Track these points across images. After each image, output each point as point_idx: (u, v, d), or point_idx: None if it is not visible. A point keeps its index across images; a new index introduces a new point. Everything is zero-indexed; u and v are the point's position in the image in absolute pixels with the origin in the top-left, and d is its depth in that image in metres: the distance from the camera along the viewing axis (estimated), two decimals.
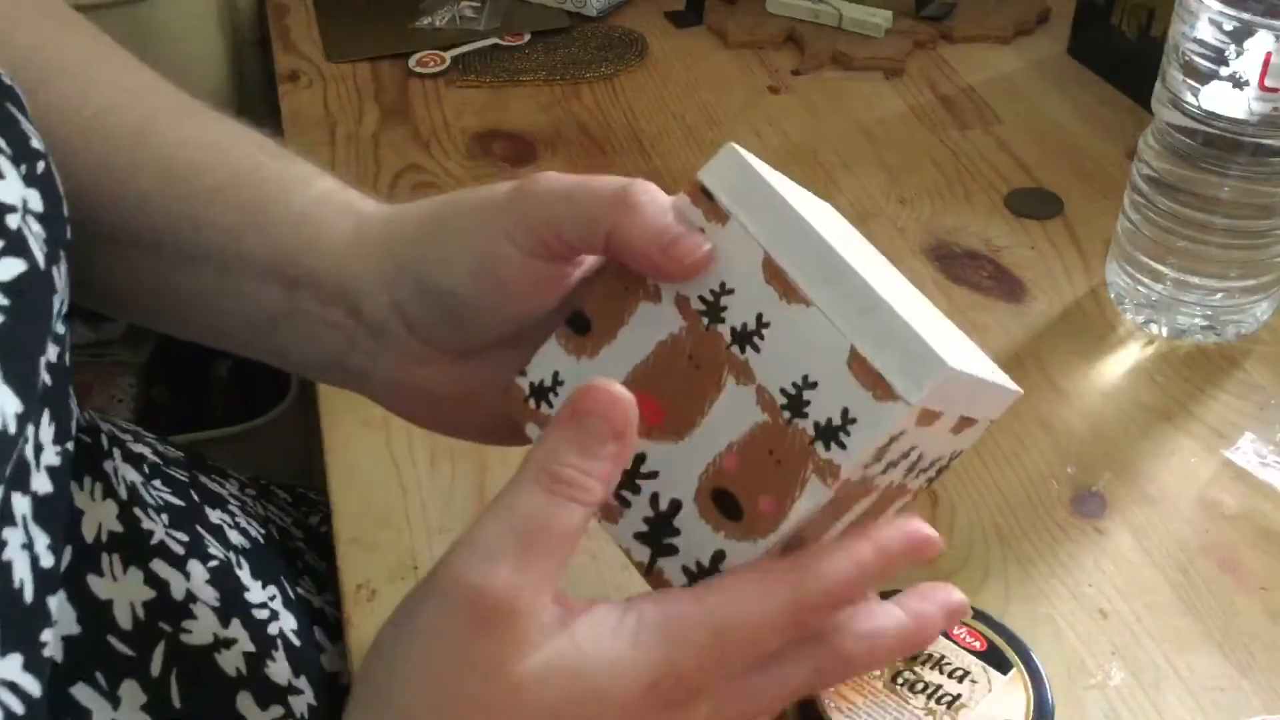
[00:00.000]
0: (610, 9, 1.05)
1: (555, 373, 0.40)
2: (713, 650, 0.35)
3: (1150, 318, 0.70)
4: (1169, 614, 0.54)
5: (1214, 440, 0.63)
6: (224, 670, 0.48)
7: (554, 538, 0.34)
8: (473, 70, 0.96)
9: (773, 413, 0.37)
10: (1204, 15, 0.61)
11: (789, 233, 0.37)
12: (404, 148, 0.87)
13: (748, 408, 0.37)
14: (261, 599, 0.52)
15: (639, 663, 0.34)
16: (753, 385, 0.37)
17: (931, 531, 0.38)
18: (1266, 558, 0.56)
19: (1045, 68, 0.97)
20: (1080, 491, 0.60)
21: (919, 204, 0.81)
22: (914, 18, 1.02)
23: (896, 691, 0.46)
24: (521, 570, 0.34)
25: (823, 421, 0.36)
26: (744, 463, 0.37)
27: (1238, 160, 0.63)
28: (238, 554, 0.53)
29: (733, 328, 0.38)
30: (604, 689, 0.34)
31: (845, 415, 0.36)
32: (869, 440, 0.36)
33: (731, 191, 0.38)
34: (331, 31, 1.02)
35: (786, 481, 0.37)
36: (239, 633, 0.49)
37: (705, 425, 0.38)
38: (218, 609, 0.49)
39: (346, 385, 0.46)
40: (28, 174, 0.36)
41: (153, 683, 0.45)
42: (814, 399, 0.37)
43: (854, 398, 0.36)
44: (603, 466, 0.35)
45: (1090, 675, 0.51)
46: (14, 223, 0.35)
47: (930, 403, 0.37)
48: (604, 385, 0.35)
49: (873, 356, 0.36)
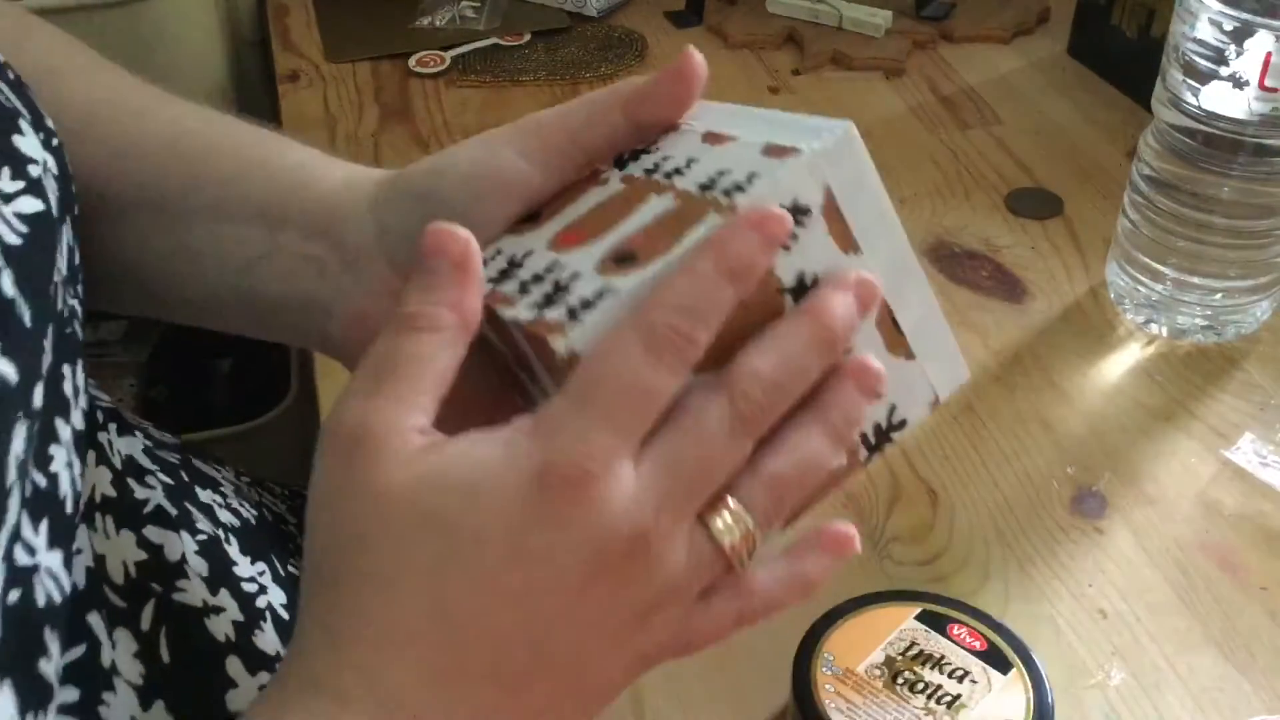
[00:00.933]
0: (610, 9, 1.05)
1: (497, 250, 0.41)
2: (584, 414, 0.34)
3: (1150, 318, 0.70)
4: (1169, 614, 0.54)
5: (1214, 440, 0.63)
6: (213, 635, 0.48)
7: (403, 366, 0.35)
8: (473, 70, 0.96)
9: (686, 199, 0.37)
10: (1204, 15, 0.61)
11: (728, 114, 0.41)
12: (404, 148, 0.87)
13: (664, 204, 0.38)
14: (250, 574, 0.53)
15: (512, 457, 0.34)
16: (671, 191, 0.38)
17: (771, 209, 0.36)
18: (1266, 558, 0.56)
19: (1045, 68, 0.97)
20: (1080, 491, 0.60)
21: (919, 204, 0.81)
22: (914, 18, 1.02)
23: (896, 691, 0.46)
24: (373, 398, 0.35)
25: (729, 185, 0.37)
26: (648, 233, 0.37)
27: (1238, 160, 0.63)
28: (227, 531, 0.54)
29: (665, 171, 0.39)
30: (478, 486, 0.34)
31: (750, 175, 0.36)
32: (767, 185, 0.36)
33: None
34: (331, 31, 1.02)
35: (685, 225, 0.36)
36: (228, 602, 0.50)
37: (619, 227, 0.38)
38: (206, 579, 0.50)
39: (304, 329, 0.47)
40: (44, 141, 0.39)
41: (143, 635, 0.45)
42: (724, 178, 0.37)
43: (759, 165, 0.37)
44: (446, 294, 0.36)
45: (1090, 675, 0.51)
46: (35, 172, 0.38)
47: (837, 185, 0.37)
48: (437, 225, 0.36)
49: (786, 140, 0.37)
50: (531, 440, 0.34)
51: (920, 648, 0.47)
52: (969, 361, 0.65)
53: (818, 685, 0.46)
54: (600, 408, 0.34)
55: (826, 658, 0.47)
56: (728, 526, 0.36)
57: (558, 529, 0.34)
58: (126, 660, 0.44)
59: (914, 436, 0.63)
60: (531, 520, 0.33)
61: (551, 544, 0.34)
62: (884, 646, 0.47)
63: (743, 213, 0.35)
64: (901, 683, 0.46)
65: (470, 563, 0.34)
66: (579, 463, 0.33)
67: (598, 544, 0.34)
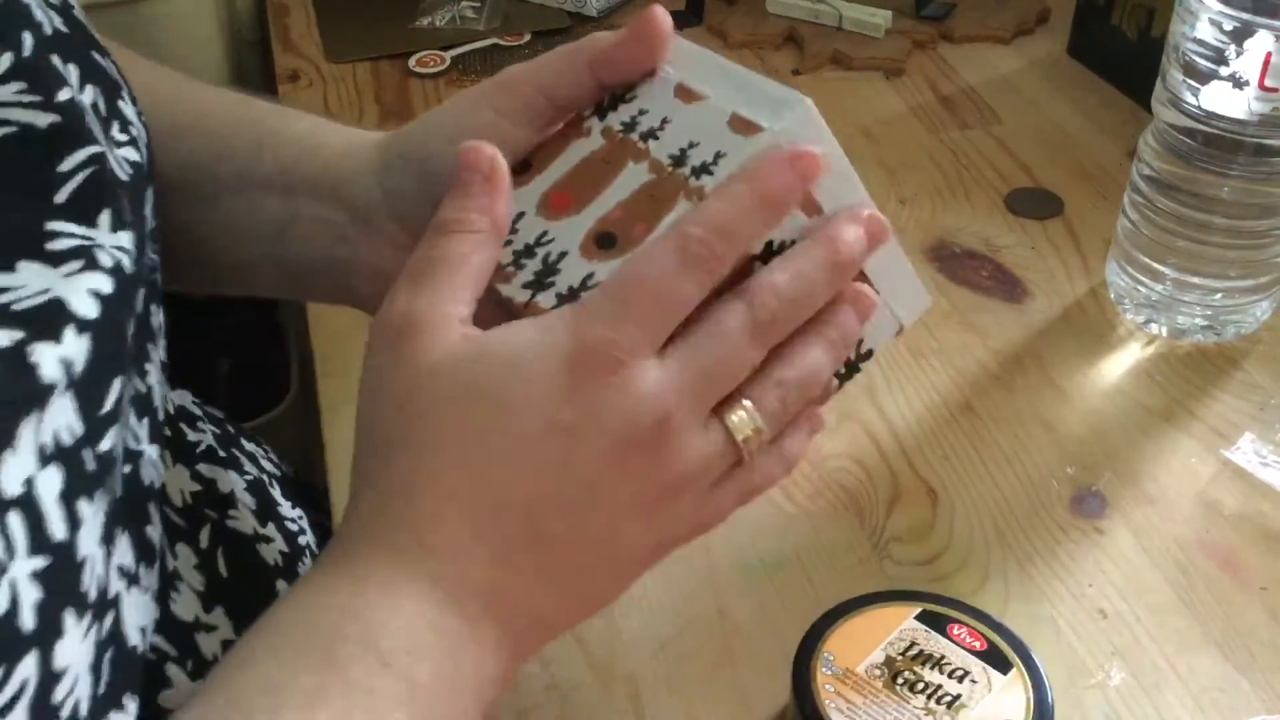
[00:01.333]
0: (610, 9, 1.05)
1: None
2: (619, 308, 0.37)
3: (1150, 318, 0.70)
4: (1169, 614, 0.54)
5: (1214, 440, 0.63)
6: (264, 559, 0.53)
7: (442, 264, 0.39)
8: (473, 70, 0.96)
9: (659, 171, 0.41)
10: (1204, 15, 0.61)
11: (700, 64, 0.43)
12: None
13: (640, 175, 0.41)
14: (292, 516, 0.58)
15: (548, 340, 0.37)
16: (646, 160, 0.42)
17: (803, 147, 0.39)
18: (1266, 558, 0.56)
19: (1045, 68, 0.97)
20: (1080, 491, 0.60)
21: (919, 204, 0.81)
22: (914, 18, 1.02)
23: (896, 691, 0.46)
24: (416, 292, 0.39)
25: (698, 164, 0.40)
26: (627, 210, 0.41)
27: (1238, 160, 0.63)
28: (270, 478, 0.60)
29: (641, 131, 0.43)
30: (516, 361, 0.37)
31: (717, 155, 0.40)
32: (734, 167, 0.39)
33: None
34: (331, 31, 1.02)
35: (660, 208, 0.40)
36: (274, 534, 0.55)
37: (601, 197, 0.42)
38: (255, 511, 0.54)
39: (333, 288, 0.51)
40: (137, 113, 0.44)
41: (202, 551, 0.50)
42: (694, 153, 0.41)
43: (726, 142, 0.40)
44: (478, 201, 0.40)
45: (1090, 675, 0.51)
46: (134, 132, 0.43)
47: (790, 138, 0.40)
48: (468, 144, 0.41)
49: (749, 114, 0.40)
50: (568, 327, 0.37)
51: (920, 648, 0.47)
52: (969, 361, 0.65)
53: (818, 685, 0.46)
54: (632, 305, 0.37)
55: (826, 658, 0.47)
56: (742, 422, 0.39)
57: (587, 407, 0.37)
58: (188, 570, 0.48)
59: (914, 436, 0.63)
60: (563, 397, 0.37)
61: (582, 420, 0.37)
62: (884, 646, 0.47)
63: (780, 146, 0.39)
64: (901, 683, 0.46)
65: (508, 431, 0.37)
66: (608, 350, 0.37)
67: (624, 424, 0.37)
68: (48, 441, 0.34)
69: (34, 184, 0.37)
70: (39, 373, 0.34)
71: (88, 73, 0.41)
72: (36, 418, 0.33)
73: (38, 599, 0.32)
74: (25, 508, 0.33)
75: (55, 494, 0.34)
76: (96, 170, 0.38)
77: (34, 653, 0.32)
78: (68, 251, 0.36)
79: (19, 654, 0.32)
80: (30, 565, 0.32)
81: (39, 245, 0.36)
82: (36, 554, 0.33)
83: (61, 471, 0.34)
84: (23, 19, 0.38)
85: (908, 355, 0.68)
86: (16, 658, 0.32)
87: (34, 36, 0.38)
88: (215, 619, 0.48)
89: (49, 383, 0.34)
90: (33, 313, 0.34)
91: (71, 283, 0.35)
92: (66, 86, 0.39)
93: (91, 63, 0.42)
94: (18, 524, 0.32)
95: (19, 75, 0.37)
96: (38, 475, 0.33)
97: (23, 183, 0.36)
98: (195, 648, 0.47)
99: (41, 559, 0.33)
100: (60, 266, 0.36)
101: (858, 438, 0.62)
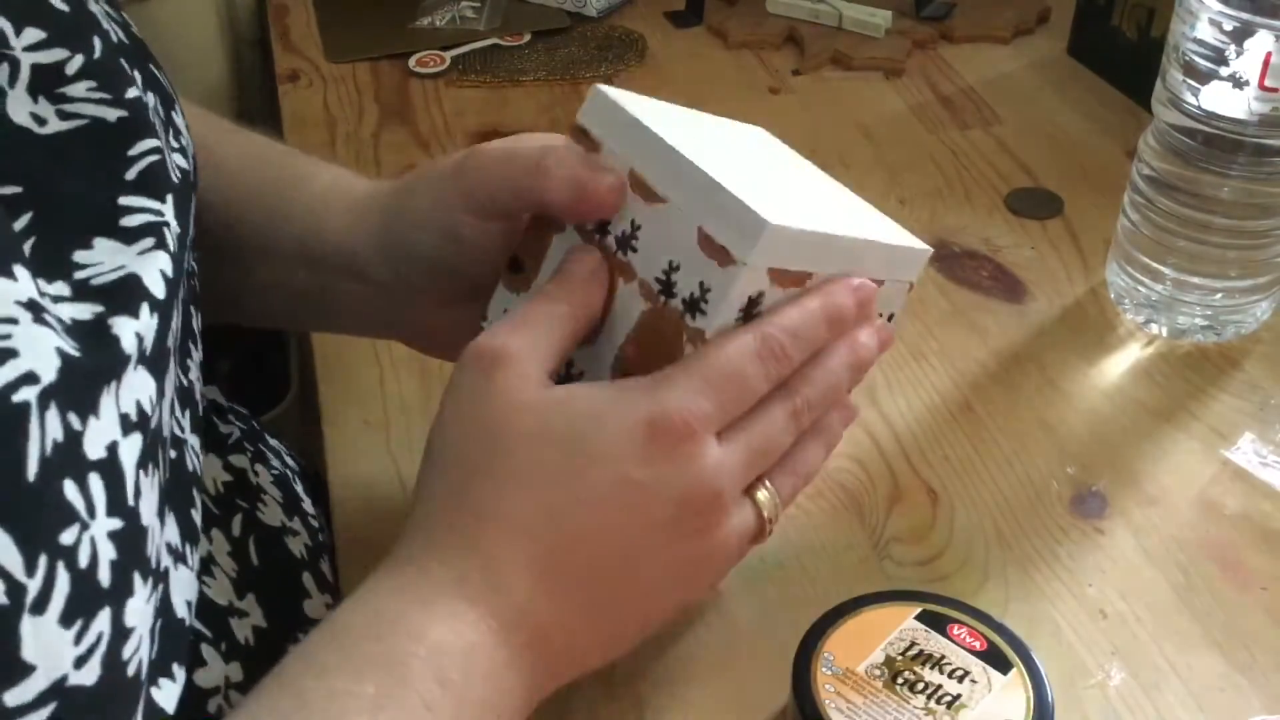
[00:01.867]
0: (610, 9, 1.05)
1: (505, 310, 0.49)
2: (701, 385, 0.42)
3: (1150, 318, 0.70)
4: (1169, 614, 0.54)
5: (1214, 440, 0.63)
6: (291, 551, 0.55)
7: (542, 321, 0.44)
8: (473, 70, 0.96)
9: (652, 299, 0.45)
10: (1204, 15, 0.61)
11: (646, 146, 0.44)
12: (404, 148, 0.87)
13: (635, 301, 0.45)
14: (314, 512, 0.60)
15: (629, 401, 0.41)
16: (635, 280, 0.45)
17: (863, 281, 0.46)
18: (1266, 558, 0.56)
19: (1045, 68, 0.97)
20: (1080, 491, 0.60)
21: (919, 204, 0.81)
22: (914, 18, 1.02)
23: (896, 691, 0.46)
24: (515, 333, 0.43)
25: (687, 296, 0.44)
26: (639, 348, 0.45)
27: (1238, 160, 0.63)
28: (292, 473, 0.62)
29: (615, 236, 0.46)
30: (599, 418, 0.41)
31: (702, 287, 0.43)
32: (724, 305, 0.43)
33: (602, 125, 0.46)
34: (331, 31, 1.02)
35: (670, 354, 0.44)
36: (300, 528, 0.57)
37: (608, 324, 0.46)
38: (282, 504, 0.57)
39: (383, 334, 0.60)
40: (186, 125, 0.47)
41: (234, 539, 0.52)
42: (679, 279, 0.44)
43: (706, 270, 0.43)
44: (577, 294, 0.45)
45: (1090, 675, 0.51)
46: (184, 142, 0.45)
47: (777, 262, 0.43)
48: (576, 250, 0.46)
49: (715, 231, 0.43)
50: (647, 394, 0.41)
51: (920, 647, 0.47)
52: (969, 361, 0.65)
53: (818, 685, 0.46)
54: (712, 383, 0.42)
55: (827, 658, 0.47)
56: (767, 500, 0.45)
57: (657, 469, 0.41)
58: (222, 556, 0.50)
59: (914, 436, 0.63)
60: (638, 456, 0.41)
61: (651, 480, 0.41)
62: (884, 646, 0.47)
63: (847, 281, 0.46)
64: (901, 683, 0.46)
65: (583, 480, 0.41)
66: (686, 419, 0.41)
67: (686, 491, 0.41)
68: (130, 410, 0.35)
69: (106, 168, 0.39)
70: (120, 345, 0.35)
71: (148, 81, 0.44)
72: (115, 387, 0.35)
73: (113, 558, 0.34)
74: (106, 471, 0.34)
75: (134, 460, 0.35)
76: (159, 160, 0.41)
77: (108, 609, 0.34)
78: (140, 228, 0.39)
79: (97, 608, 0.33)
80: (108, 525, 0.34)
81: (113, 221, 0.38)
82: (113, 515, 0.34)
83: (140, 440, 0.36)
84: (92, 26, 0.41)
85: (908, 355, 0.68)
86: (95, 611, 0.33)
87: (103, 42, 0.41)
88: (247, 605, 0.50)
89: (127, 353, 0.36)
90: (112, 287, 0.37)
91: (145, 260, 0.38)
92: (134, 86, 0.41)
93: (151, 73, 0.45)
94: (98, 486, 0.34)
95: (89, 74, 0.39)
96: (121, 441, 0.35)
97: (96, 167, 0.39)
98: (229, 631, 0.48)
99: (117, 520, 0.34)
100: (134, 244, 0.38)
101: (858, 438, 0.62)
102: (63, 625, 0.32)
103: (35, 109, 0.38)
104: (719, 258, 0.42)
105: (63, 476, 0.33)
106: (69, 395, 0.33)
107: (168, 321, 0.39)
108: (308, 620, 0.53)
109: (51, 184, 0.37)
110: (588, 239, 0.46)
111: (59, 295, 0.36)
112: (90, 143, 0.39)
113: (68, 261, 0.36)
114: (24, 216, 0.36)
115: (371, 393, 0.64)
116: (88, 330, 0.35)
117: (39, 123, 0.38)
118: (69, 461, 0.33)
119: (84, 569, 0.33)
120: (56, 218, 0.37)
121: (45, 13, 0.39)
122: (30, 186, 0.37)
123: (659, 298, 0.44)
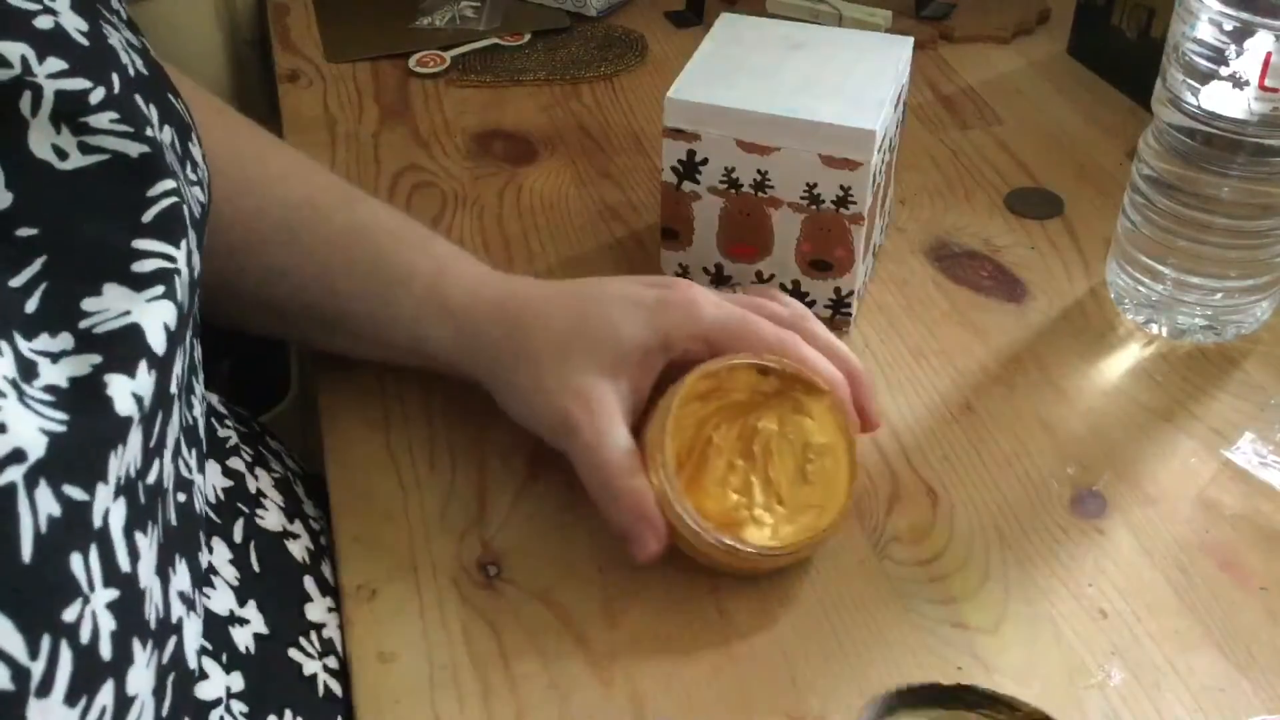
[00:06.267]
0: (610, 9, 1.05)
1: None
2: None
3: (1150, 318, 0.70)
4: (1169, 614, 0.54)
5: (1214, 440, 0.63)
6: (293, 555, 0.56)
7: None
8: (473, 70, 0.96)
9: (804, 210, 0.64)
10: (1204, 15, 0.61)
11: (737, 119, 0.63)
12: (404, 148, 0.87)
13: (790, 216, 0.65)
14: (315, 514, 0.61)
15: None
16: (783, 205, 0.65)
17: None
18: (1266, 558, 0.56)
19: (1045, 68, 0.97)
20: (1080, 491, 0.60)
21: (919, 204, 0.81)
22: (914, 18, 1.02)
23: None
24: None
25: (834, 198, 0.63)
26: (812, 241, 0.65)
27: (1238, 160, 0.63)
28: (294, 475, 0.63)
29: (750, 183, 0.64)
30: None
31: (843, 188, 0.63)
32: (864, 191, 0.63)
33: (690, 121, 0.64)
34: (331, 31, 1.02)
35: (843, 238, 0.64)
36: (301, 531, 0.58)
37: (778, 237, 0.66)
38: (283, 508, 0.58)
39: None
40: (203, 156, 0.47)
41: (235, 546, 0.52)
42: (820, 190, 0.63)
43: (840, 178, 0.62)
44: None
45: (1090, 675, 0.51)
46: (201, 174, 0.46)
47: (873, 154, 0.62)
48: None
49: (833, 151, 0.62)
50: None
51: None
52: (969, 361, 0.65)
53: None
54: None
55: None
56: None
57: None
58: (223, 564, 0.50)
59: (914, 436, 0.63)
60: None
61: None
62: None
63: None
64: None
65: None
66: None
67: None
68: (121, 475, 0.35)
69: (125, 207, 0.39)
70: (115, 406, 0.35)
71: (165, 114, 0.43)
72: (121, 450, 0.35)
73: (113, 629, 0.34)
74: (101, 540, 0.34)
75: (121, 526, 0.35)
76: (176, 203, 0.40)
77: (110, 681, 0.34)
78: (151, 275, 0.38)
79: (100, 682, 0.33)
80: (106, 596, 0.34)
81: (126, 266, 0.38)
82: (109, 585, 0.34)
83: (125, 504, 0.35)
84: (112, 61, 0.40)
85: (908, 355, 0.68)
86: (98, 686, 0.33)
87: (120, 78, 0.40)
88: (248, 613, 0.50)
89: (127, 415, 0.35)
90: (113, 337, 0.36)
91: (150, 310, 0.37)
92: (150, 125, 0.41)
93: (168, 104, 0.44)
94: (95, 556, 0.34)
95: (111, 106, 0.39)
96: (111, 508, 0.34)
97: (115, 207, 0.39)
98: (230, 641, 0.48)
99: (114, 590, 0.34)
100: (143, 291, 0.38)
101: (858, 437, 0.62)
102: (68, 705, 0.32)
103: (57, 140, 0.37)
104: (848, 166, 0.62)
105: (67, 551, 0.32)
106: (63, 468, 0.32)
107: (168, 374, 0.38)
108: (309, 625, 0.53)
109: (69, 226, 0.37)
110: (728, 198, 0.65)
111: (62, 350, 0.35)
112: (112, 180, 0.39)
113: (76, 311, 0.36)
114: (37, 261, 0.36)
115: (371, 393, 0.65)
116: (82, 393, 0.34)
117: (60, 157, 0.37)
118: (74, 535, 0.32)
119: (86, 645, 0.33)
120: (70, 263, 0.36)
121: (66, 44, 0.38)
122: (47, 229, 0.36)
123: (810, 207, 0.64)
